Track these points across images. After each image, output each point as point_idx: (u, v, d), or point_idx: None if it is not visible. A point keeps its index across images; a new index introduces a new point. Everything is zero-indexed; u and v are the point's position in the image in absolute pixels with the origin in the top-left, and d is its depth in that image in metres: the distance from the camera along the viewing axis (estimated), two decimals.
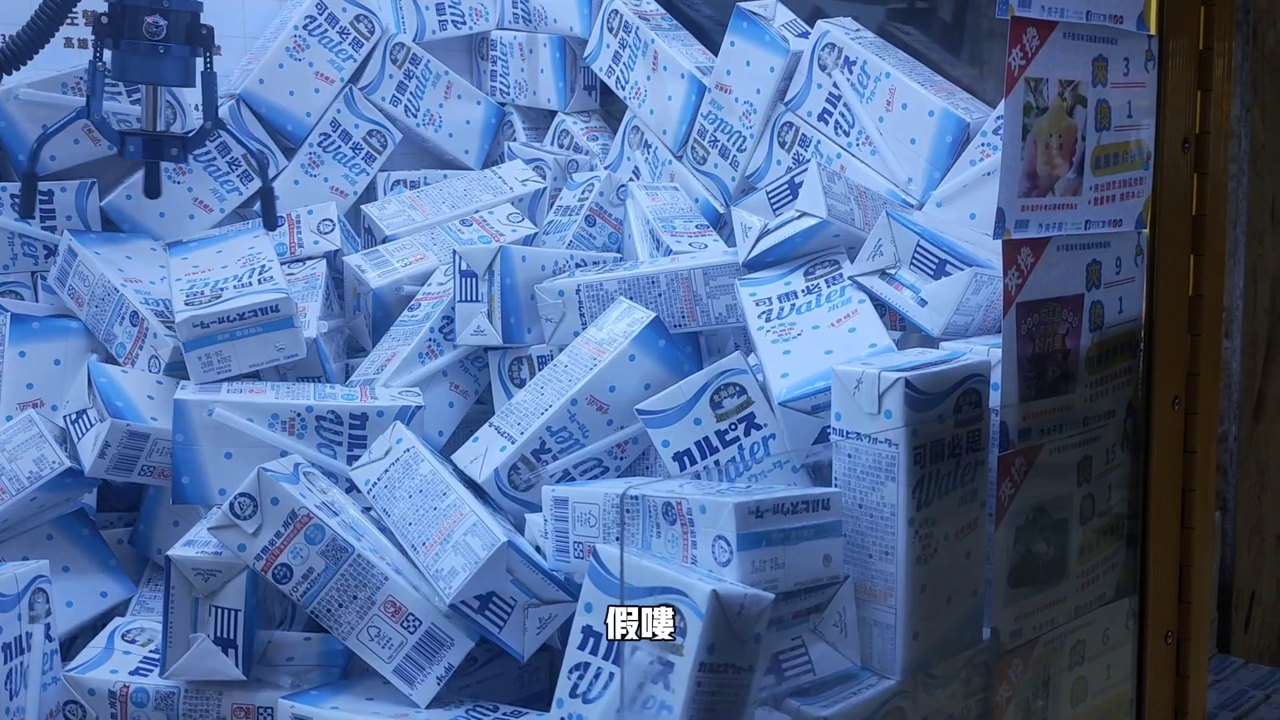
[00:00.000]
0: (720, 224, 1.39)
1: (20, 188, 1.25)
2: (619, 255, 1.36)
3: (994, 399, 0.89)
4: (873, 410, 0.83)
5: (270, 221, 1.33)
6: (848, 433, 0.85)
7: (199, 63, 1.28)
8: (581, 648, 0.77)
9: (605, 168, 1.55)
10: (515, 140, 1.64)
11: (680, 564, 0.79)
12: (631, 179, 1.50)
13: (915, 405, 0.81)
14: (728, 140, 1.37)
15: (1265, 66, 1.90)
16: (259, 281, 1.18)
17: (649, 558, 0.79)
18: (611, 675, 0.75)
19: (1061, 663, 0.98)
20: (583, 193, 1.44)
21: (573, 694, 0.77)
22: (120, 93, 1.39)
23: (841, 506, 0.83)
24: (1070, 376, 0.93)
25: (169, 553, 0.95)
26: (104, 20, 1.23)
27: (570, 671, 0.78)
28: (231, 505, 0.93)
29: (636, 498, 0.85)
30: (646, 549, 0.83)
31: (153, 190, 1.35)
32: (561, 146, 1.62)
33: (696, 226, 1.33)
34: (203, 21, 1.27)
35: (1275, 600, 2.06)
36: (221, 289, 1.16)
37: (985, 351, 0.91)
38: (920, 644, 0.84)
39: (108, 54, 1.24)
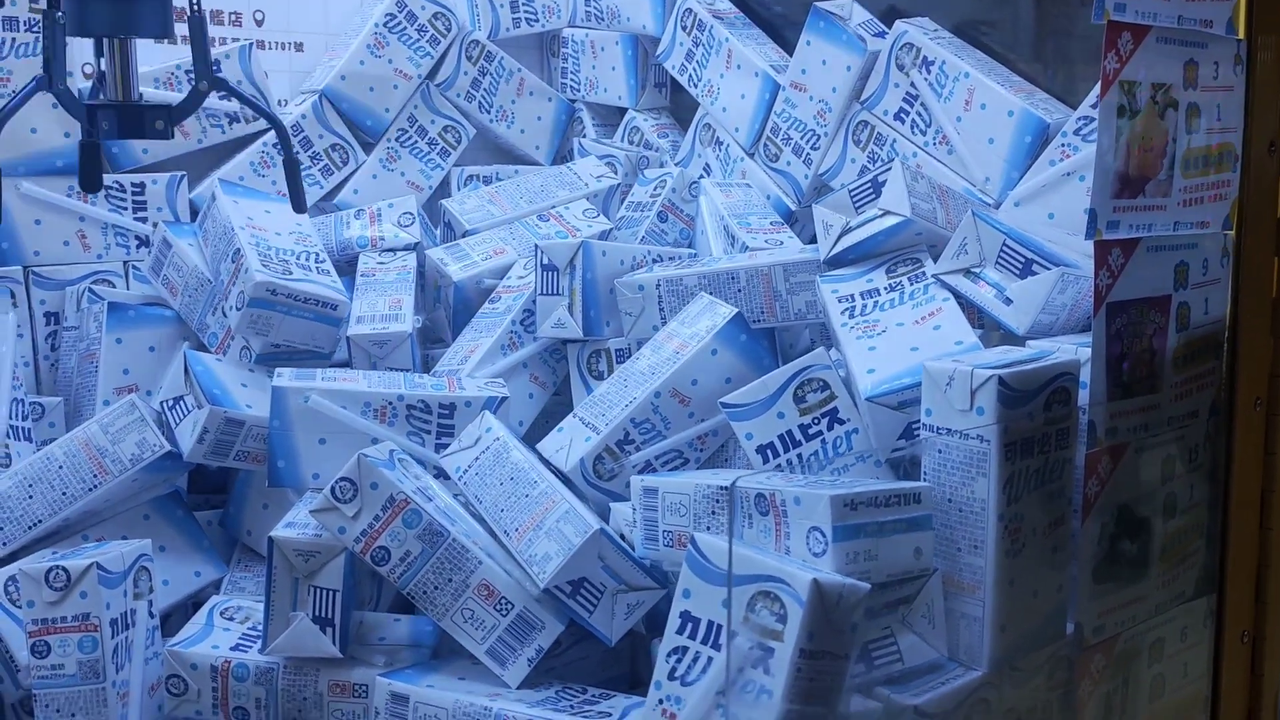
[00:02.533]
0: (792, 221, 1.40)
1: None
2: (693, 251, 1.38)
3: (1082, 397, 0.90)
4: (965, 407, 0.84)
5: (298, 202, 1.15)
6: (939, 429, 0.86)
7: (184, 5, 1.05)
8: (680, 632, 0.80)
9: (676, 164, 1.57)
10: (585, 136, 1.66)
11: (775, 554, 0.81)
12: (703, 176, 1.52)
13: (1007, 402, 0.83)
14: (801, 138, 1.39)
15: None
16: (317, 269, 1.23)
17: (747, 547, 0.81)
18: (710, 660, 0.78)
19: (1141, 659, 0.99)
20: (655, 189, 1.46)
21: (670, 676, 0.79)
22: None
23: (932, 500, 0.85)
24: (1157, 376, 0.95)
25: (272, 534, 0.98)
26: None
27: (669, 655, 0.80)
28: (333, 489, 0.96)
29: (727, 487, 0.87)
30: (738, 539, 0.85)
31: (90, 182, 1.08)
32: (632, 143, 1.65)
33: (771, 223, 1.35)
34: None
35: None
36: (287, 262, 1.20)
37: (1073, 350, 0.92)
38: (1007, 637, 0.86)
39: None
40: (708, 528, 0.89)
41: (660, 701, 0.79)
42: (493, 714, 0.90)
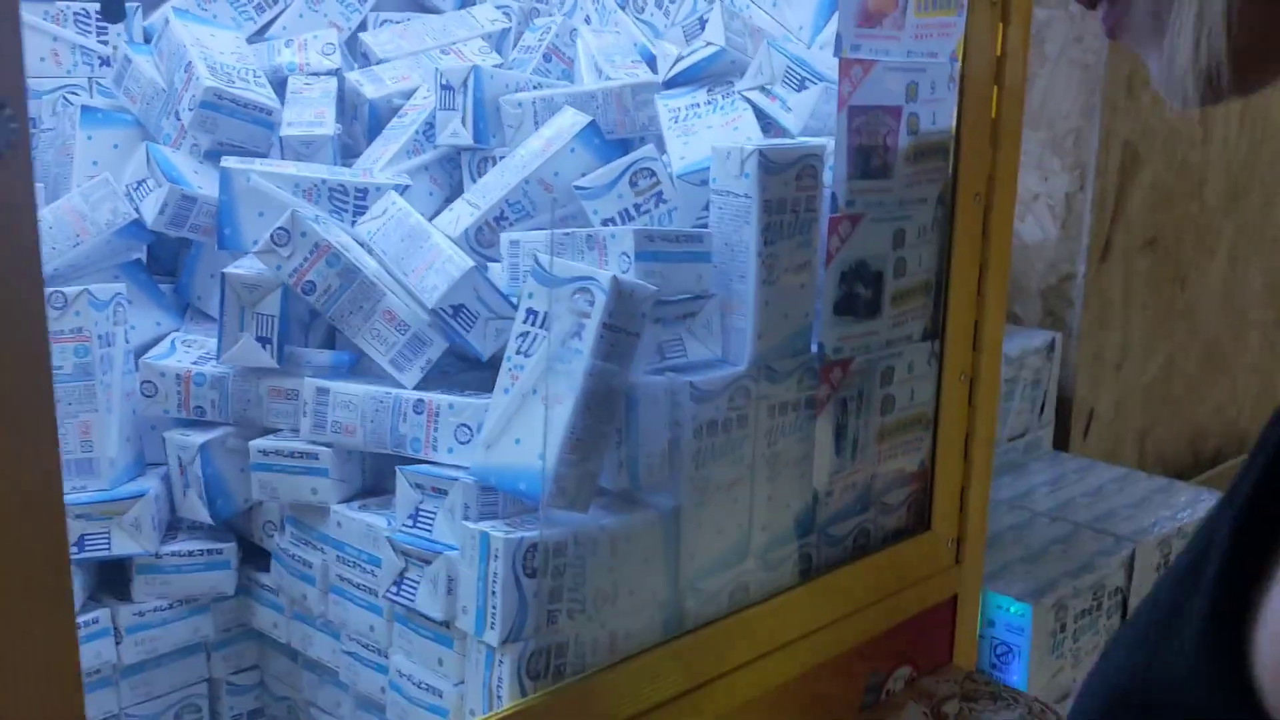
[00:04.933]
0: (653, 62, 1.70)
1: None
2: (569, 83, 1.67)
3: (831, 178, 1.23)
4: (737, 174, 1.17)
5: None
6: (720, 190, 1.19)
7: None
8: (525, 321, 1.12)
9: (562, 14, 1.85)
10: None
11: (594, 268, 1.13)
12: (584, 24, 1.81)
13: (766, 169, 1.15)
14: None
15: None
16: (254, 83, 1.50)
17: (573, 261, 1.13)
18: (542, 338, 1.10)
19: (874, 380, 1.34)
20: (541, 35, 1.75)
21: (517, 352, 1.12)
22: None
23: (713, 243, 1.18)
24: (889, 166, 1.28)
25: (224, 270, 1.28)
26: None
27: (516, 338, 1.12)
28: (272, 235, 1.26)
29: (570, 232, 1.19)
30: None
31: (112, 12, 1.32)
32: None
33: (632, 61, 1.65)
34: None
35: (1112, 418, 2.46)
36: (230, 75, 1.48)
37: (827, 142, 1.25)
38: (763, 343, 1.20)
39: None
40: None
41: (510, 370, 1.12)
42: (392, 396, 1.23)
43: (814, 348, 1.26)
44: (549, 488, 1.05)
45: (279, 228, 1.26)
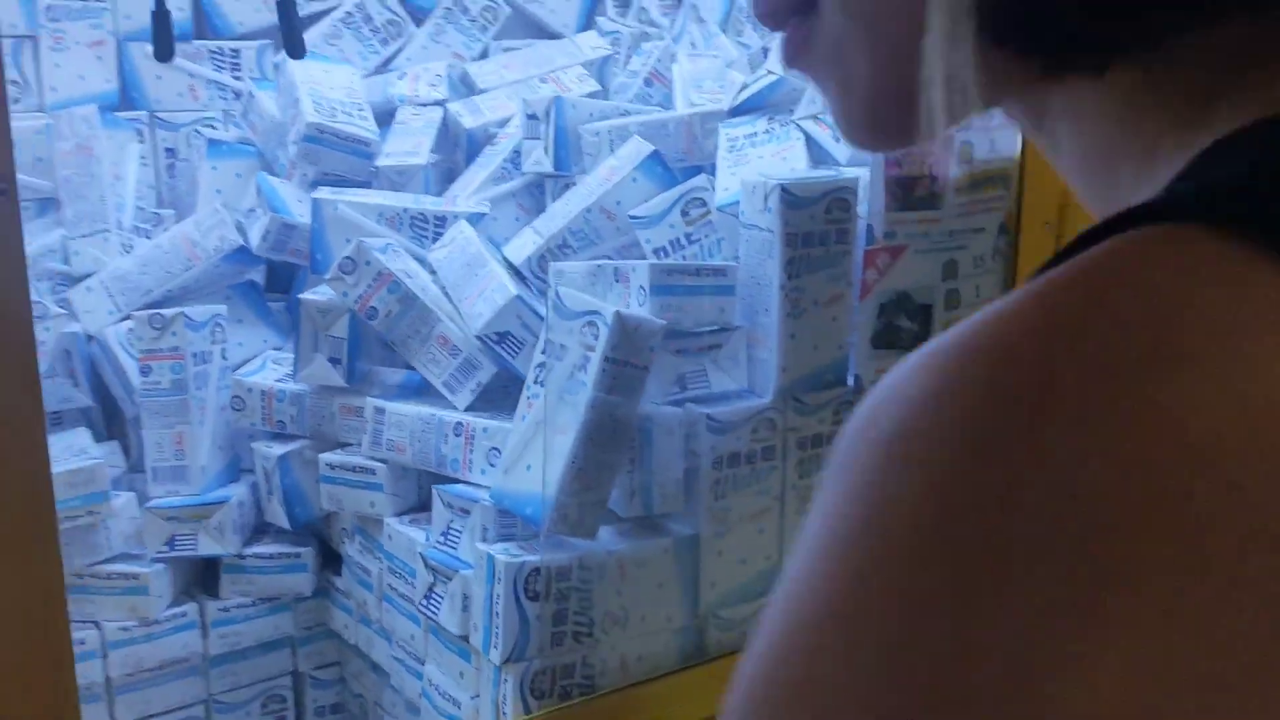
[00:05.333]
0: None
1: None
2: (659, 107, 1.70)
3: (867, 209, 1.21)
4: (761, 207, 1.16)
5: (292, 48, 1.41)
6: (747, 224, 1.19)
7: None
8: (543, 353, 1.16)
9: (670, 39, 1.88)
10: (604, 15, 1.98)
11: (602, 298, 1.16)
12: (691, 48, 1.83)
13: (790, 204, 1.15)
14: None
15: None
16: (358, 116, 1.60)
17: (586, 294, 1.16)
18: (555, 368, 1.14)
19: None
20: (645, 59, 1.78)
21: (534, 382, 1.16)
22: None
23: (737, 275, 1.18)
24: (937, 196, 1.24)
25: (299, 295, 1.38)
26: None
27: (535, 368, 1.17)
28: (340, 264, 1.35)
29: (601, 265, 1.22)
30: (603, 298, 1.21)
31: (162, 51, 1.33)
32: (640, 21, 1.96)
33: (720, 86, 1.66)
34: None
35: None
36: (334, 110, 1.58)
37: (865, 172, 1.23)
38: (788, 376, 1.19)
39: None
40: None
41: (528, 398, 1.16)
42: (438, 418, 1.29)
43: (850, 380, 1.24)
44: (550, 514, 1.09)
45: (346, 257, 1.35)
